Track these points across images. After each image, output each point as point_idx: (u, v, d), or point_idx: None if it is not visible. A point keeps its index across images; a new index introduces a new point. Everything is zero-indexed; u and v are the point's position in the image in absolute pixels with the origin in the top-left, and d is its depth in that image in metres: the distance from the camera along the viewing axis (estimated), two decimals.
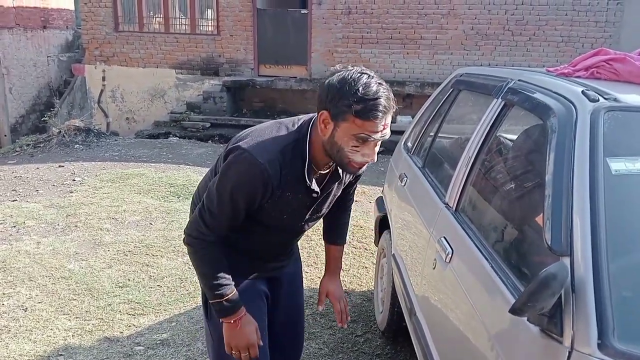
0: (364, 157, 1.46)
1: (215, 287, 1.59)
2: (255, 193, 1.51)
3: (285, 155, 1.51)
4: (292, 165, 1.52)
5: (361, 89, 1.38)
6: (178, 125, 9.39)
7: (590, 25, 8.70)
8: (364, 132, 1.41)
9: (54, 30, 13.93)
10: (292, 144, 1.53)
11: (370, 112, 1.38)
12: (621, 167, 1.37)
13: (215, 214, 1.56)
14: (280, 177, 1.50)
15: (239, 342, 1.64)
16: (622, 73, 1.76)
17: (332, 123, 1.44)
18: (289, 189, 1.55)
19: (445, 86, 3.03)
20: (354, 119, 1.39)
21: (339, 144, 1.45)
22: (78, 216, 4.83)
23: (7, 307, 3.26)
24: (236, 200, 1.52)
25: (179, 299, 3.43)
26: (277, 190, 1.53)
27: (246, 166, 1.48)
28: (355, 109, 1.38)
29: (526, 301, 1.11)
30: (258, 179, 1.48)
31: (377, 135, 1.42)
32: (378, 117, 1.39)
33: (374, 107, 1.38)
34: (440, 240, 1.97)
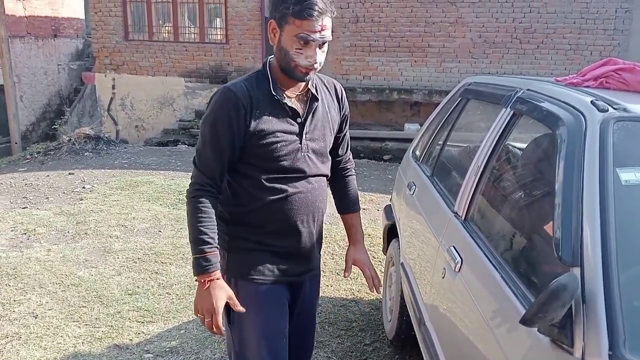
0: (307, 59, 1.59)
1: (199, 242, 1.63)
2: (229, 115, 1.62)
3: (250, 81, 1.67)
4: (259, 86, 1.66)
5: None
6: (187, 133, 9.45)
7: (598, 33, 8.68)
8: (302, 32, 1.55)
9: (65, 38, 14.11)
10: (254, 74, 1.71)
11: (305, 11, 1.52)
12: (631, 177, 1.37)
13: (202, 151, 1.67)
14: (249, 97, 1.63)
15: (204, 304, 1.64)
16: (631, 83, 1.76)
17: (278, 29, 1.60)
18: (265, 108, 1.64)
19: (453, 95, 3.03)
20: (294, 20, 1.54)
21: (285, 48, 1.59)
22: (88, 223, 4.87)
23: (18, 313, 3.29)
24: (215, 127, 1.64)
25: (188, 307, 3.44)
26: (253, 110, 1.63)
27: (216, 96, 1.65)
28: (294, 10, 1.53)
29: (537, 312, 1.11)
30: (228, 100, 1.62)
31: (316, 36, 1.55)
32: (313, 15, 1.53)
33: (309, 6, 1.53)
34: (449, 249, 1.97)
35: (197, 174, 1.69)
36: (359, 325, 3.31)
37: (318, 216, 1.81)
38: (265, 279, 1.75)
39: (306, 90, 1.73)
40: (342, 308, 3.49)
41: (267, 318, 1.78)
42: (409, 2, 9.08)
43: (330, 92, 1.81)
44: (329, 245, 4.42)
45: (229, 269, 1.81)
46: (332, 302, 3.54)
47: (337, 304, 3.53)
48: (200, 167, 1.68)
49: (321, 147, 1.77)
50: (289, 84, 1.69)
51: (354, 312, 3.46)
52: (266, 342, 1.76)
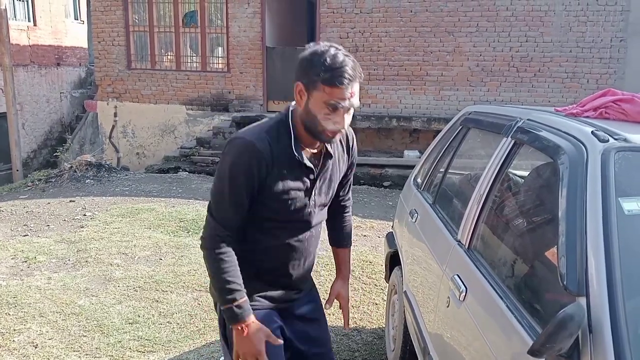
0: (335, 124, 1.58)
1: (227, 292, 1.63)
2: (250, 171, 1.60)
3: (271, 133, 1.64)
4: (279, 141, 1.64)
5: (329, 59, 1.53)
6: (188, 160, 9.49)
7: (594, 62, 8.82)
8: (332, 99, 1.53)
9: (68, 67, 14.31)
10: (276, 125, 1.67)
11: (336, 79, 1.52)
12: (634, 207, 1.39)
13: (220, 204, 1.64)
14: (271, 153, 1.61)
15: (247, 349, 1.64)
16: (630, 113, 1.79)
17: (305, 93, 1.58)
18: (284, 166, 1.63)
19: (454, 124, 3.07)
20: (324, 87, 1.53)
21: (312, 112, 1.58)
22: (88, 251, 4.86)
23: (18, 343, 3.26)
24: (236, 182, 1.61)
25: (189, 336, 3.41)
26: (272, 168, 1.61)
27: (237, 147, 1.61)
28: (324, 77, 1.52)
29: (544, 342, 1.11)
30: (250, 156, 1.59)
31: (345, 103, 1.55)
32: (344, 83, 1.52)
33: (340, 74, 1.52)
34: (453, 278, 1.97)
35: (214, 226, 1.65)
36: (361, 354, 3.28)
37: (311, 256, 1.88)
38: (256, 304, 1.76)
39: (321, 147, 1.73)
40: (344, 337, 3.46)
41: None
42: (407, 32, 9.24)
43: (342, 143, 1.83)
44: (331, 273, 4.41)
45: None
46: (335, 331, 3.51)
47: (339, 333, 3.51)
48: (217, 219, 1.64)
49: (327, 199, 1.81)
50: (309, 142, 1.68)
51: (356, 341, 3.43)
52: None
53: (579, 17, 8.72)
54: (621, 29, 8.64)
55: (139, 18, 10.43)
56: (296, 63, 1.61)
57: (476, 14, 8.99)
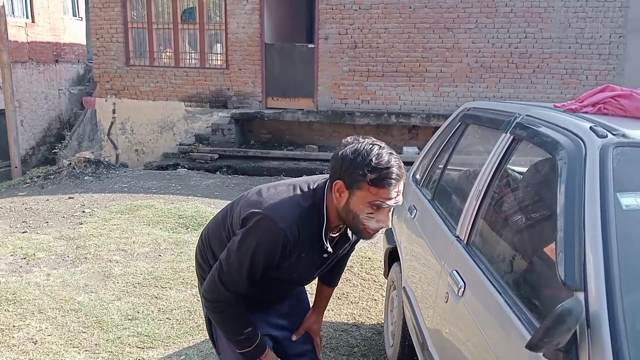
0: (378, 223, 1.55)
1: (243, 341, 1.68)
2: (274, 256, 1.58)
3: (303, 219, 1.58)
4: (308, 228, 1.59)
5: (374, 159, 1.48)
6: (187, 157, 9.49)
7: (593, 58, 8.82)
8: (378, 199, 1.49)
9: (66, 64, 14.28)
10: (308, 209, 1.60)
11: (384, 180, 1.48)
12: (632, 202, 1.39)
13: (235, 277, 1.62)
14: (297, 240, 1.57)
15: None
16: (629, 109, 1.79)
17: (347, 192, 1.53)
18: (304, 251, 1.61)
19: (453, 120, 3.07)
20: (369, 187, 1.49)
21: (354, 211, 1.53)
22: (87, 248, 4.86)
23: (17, 339, 3.26)
24: (256, 262, 1.59)
25: (188, 332, 3.42)
26: (294, 252, 1.59)
27: (267, 231, 1.55)
28: (370, 178, 1.47)
29: (542, 337, 1.12)
30: (279, 243, 1.56)
31: (391, 202, 1.51)
32: (392, 184, 1.49)
33: (387, 175, 1.48)
34: (452, 273, 1.97)
35: (223, 293, 1.64)
36: (360, 350, 3.28)
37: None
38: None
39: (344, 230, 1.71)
40: (343, 333, 3.47)
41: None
42: (406, 28, 9.23)
43: None
44: None
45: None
46: (334, 327, 3.52)
47: (338, 328, 3.51)
48: (229, 288, 1.63)
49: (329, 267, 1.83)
50: (335, 228, 1.66)
51: (355, 337, 3.44)
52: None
53: (578, 13, 8.71)
54: (620, 25, 8.64)
55: (138, 14, 10.41)
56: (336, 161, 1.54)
57: (475, 10, 8.98)
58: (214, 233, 1.82)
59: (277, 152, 9.45)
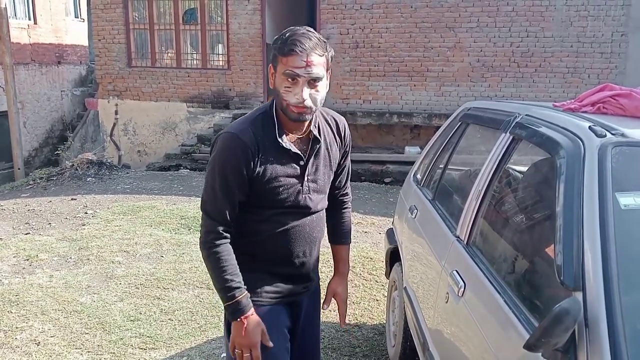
0: (295, 96, 1.60)
1: (227, 290, 1.66)
2: (238, 162, 1.63)
3: (256, 123, 1.68)
4: (264, 130, 1.67)
5: (287, 34, 1.60)
6: (189, 158, 9.50)
7: (595, 57, 8.80)
8: (288, 68, 1.57)
9: (68, 65, 14.32)
10: (260, 115, 1.71)
11: (288, 46, 1.57)
12: (630, 201, 1.39)
13: (212, 198, 1.67)
14: (256, 142, 1.64)
15: (242, 340, 1.67)
16: (628, 108, 1.79)
17: (274, 72, 1.63)
18: (270, 154, 1.66)
19: (453, 119, 3.07)
20: (281, 58, 1.59)
21: (277, 88, 1.63)
22: (90, 249, 4.88)
23: (20, 341, 3.27)
24: (224, 175, 1.64)
25: (190, 333, 3.43)
26: (259, 157, 1.64)
27: (223, 141, 1.65)
28: (280, 48, 1.59)
29: (540, 337, 1.12)
30: (235, 147, 1.63)
31: (302, 71, 1.56)
32: (296, 51, 1.55)
33: (292, 42, 1.57)
34: (452, 273, 1.98)
35: (209, 223, 1.67)
36: (362, 350, 3.29)
37: (316, 245, 1.87)
38: (263, 301, 1.78)
39: (308, 132, 1.74)
40: (345, 333, 3.47)
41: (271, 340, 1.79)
42: (407, 28, 9.23)
43: (332, 129, 1.82)
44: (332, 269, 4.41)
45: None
46: (335, 328, 3.52)
47: (340, 329, 3.51)
48: (211, 215, 1.67)
49: (321, 186, 1.80)
50: (292, 127, 1.70)
51: (357, 337, 3.44)
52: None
53: (579, 11, 8.69)
54: (622, 24, 8.62)
55: (139, 16, 10.43)
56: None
57: (477, 10, 8.97)
58: None
59: None
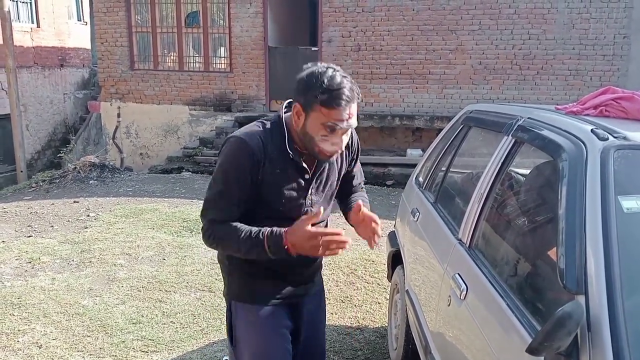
0: (333, 145, 1.59)
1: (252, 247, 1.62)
2: (244, 167, 1.61)
3: (265, 133, 1.66)
4: (273, 140, 1.65)
5: (326, 80, 1.53)
6: (191, 160, 9.51)
7: (597, 59, 8.79)
8: (330, 121, 1.54)
9: (71, 68, 14.35)
10: (270, 125, 1.69)
11: (334, 101, 1.52)
12: (633, 205, 1.39)
13: (217, 202, 1.66)
14: (264, 150, 1.63)
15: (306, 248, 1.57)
16: (630, 111, 1.79)
17: (303, 114, 1.58)
18: (277, 164, 1.64)
19: (455, 122, 3.07)
20: (321, 109, 1.54)
21: (310, 133, 1.59)
22: (92, 252, 4.88)
23: (22, 343, 3.28)
24: (230, 179, 1.63)
25: (192, 336, 3.43)
26: (265, 165, 1.62)
27: (230, 146, 1.64)
28: (322, 98, 1.52)
29: (543, 340, 1.12)
30: (242, 152, 1.61)
31: (343, 124, 1.55)
32: (342, 105, 1.52)
33: (337, 96, 1.52)
34: (454, 276, 1.97)
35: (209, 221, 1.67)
36: (364, 353, 3.28)
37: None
38: (266, 302, 1.77)
39: None
40: (347, 336, 3.47)
41: (268, 343, 1.81)
42: (409, 31, 9.23)
43: None
44: (334, 272, 4.42)
45: (229, 292, 1.86)
46: (337, 330, 3.52)
47: (342, 332, 3.51)
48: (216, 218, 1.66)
49: (325, 199, 1.80)
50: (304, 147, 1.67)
51: (359, 340, 3.43)
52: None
53: (581, 14, 8.69)
54: (624, 26, 8.61)
55: (142, 19, 10.45)
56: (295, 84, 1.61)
57: (479, 12, 8.97)
58: None
59: None
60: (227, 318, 1.88)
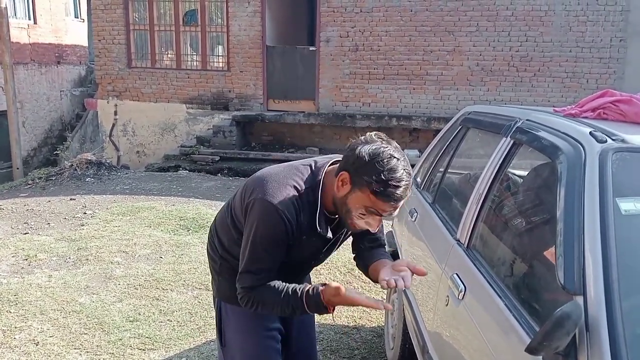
0: (367, 225, 1.56)
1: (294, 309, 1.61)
2: (281, 240, 1.59)
3: (300, 199, 1.59)
4: (304, 211, 1.60)
5: (387, 172, 1.45)
6: (188, 159, 9.51)
7: (594, 62, 8.83)
8: (375, 208, 1.50)
9: (68, 65, 14.32)
10: (305, 192, 1.61)
11: (387, 197, 1.46)
12: (631, 207, 1.40)
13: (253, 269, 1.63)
14: (296, 222, 1.59)
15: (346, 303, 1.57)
16: (628, 114, 1.81)
17: (349, 186, 1.52)
18: (304, 234, 1.62)
19: (454, 123, 3.09)
20: (370, 195, 1.47)
21: (349, 206, 1.53)
22: (89, 249, 4.87)
23: (19, 341, 3.27)
24: (268, 246, 1.60)
25: (189, 334, 3.43)
26: (295, 233, 1.60)
27: (266, 214, 1.57)
28: (375, 187, 1.46)
29: (542, 340, 1.13)
30: (280, 226, 1.57)
31: (386, 214, 1.52)
32: (392, 202, 1.48)
33: (392, 192, 1.46)
34: (452, 276, 1.99)
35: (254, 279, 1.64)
36: (361, 353, 3.29)
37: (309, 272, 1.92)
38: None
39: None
40: (344, 335, 3.48)
41: (258, 345, 1.83)
42: (407, 31, 9.26)
43: None
44: (330, 271, 4.43)
45: (219, 292, 1.87)
46: (334, 330, 3.53)
47: (339, 331, 3.52)
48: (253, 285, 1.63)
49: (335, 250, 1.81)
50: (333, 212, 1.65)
51: (356, 339, 3.45)
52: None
53: (578, 17, 8.73)
54: (621, 29, 8.65)
55: (139, 16, 10.43)
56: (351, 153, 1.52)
57: (476, 14, 9.00)
58: (220, 221, 1.84)
59: (278, 154, 9.46)
60: (217, 318, 1.89)
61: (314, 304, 1.58)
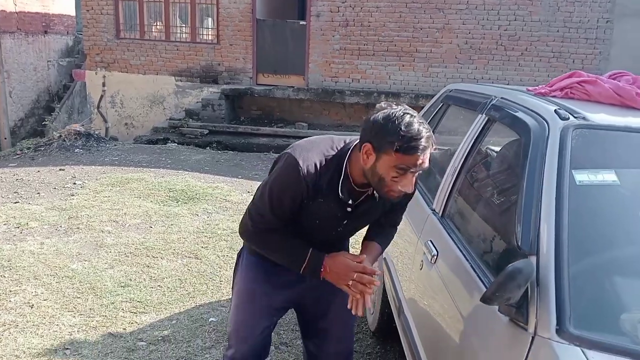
0: (402, 187, 1.60)
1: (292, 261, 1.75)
2: (294, 193, 1.69)
3: (326, 163, 1.69)
4: (329, 173, 1.69)
5: (404, 127, 1.53)
6: (176, 132, 9.54)
7: (580, 42, 8.95)
8: (404, 164, 1.55)
9: (55, 35, 14.11)
10: (333, 158, 1.70)
11: (411, 150, 1.53)
12: (584, 178, 1.55)
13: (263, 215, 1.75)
14: (316, 182, 1.67)
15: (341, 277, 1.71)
16: (592, 94, 1.94)
17: (374, 155, 1.59)
18: (324, 196, 1.70)
19: (436, 100, 3.21)
20: (395, 154, 1.54)
21: (380, 173, 1.59)
22: (80, 218, 4.97)
23: (14, 303, 3.40)
24: (279, 199, 1.71)
25: (179, 299, 3.57)
26: (314, 194, 1.69)
27: (287, 167, 1.68)
28: (398, 145, 1.53)
29: (495, 291, 1.28)
30: (297, 182, 1.66)
31: (416, 168, 1.57)
32: (418, 152, 1.54)
33: (415, 145, 1.53)
34: (427, 243, 2.14)
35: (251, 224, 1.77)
36: None
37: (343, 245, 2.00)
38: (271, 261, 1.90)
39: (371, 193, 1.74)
40: None
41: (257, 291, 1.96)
42: (397, 8, 9.28)
43: None
44: None
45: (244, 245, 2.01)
46: None
47: None
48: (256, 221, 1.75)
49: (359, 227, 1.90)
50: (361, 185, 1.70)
51: None
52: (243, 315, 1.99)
53: None
54: (608, 10, 8.76)
55: None
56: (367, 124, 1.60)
57: None
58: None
59: (267, 128, 9.53)
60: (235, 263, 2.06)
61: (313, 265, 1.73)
